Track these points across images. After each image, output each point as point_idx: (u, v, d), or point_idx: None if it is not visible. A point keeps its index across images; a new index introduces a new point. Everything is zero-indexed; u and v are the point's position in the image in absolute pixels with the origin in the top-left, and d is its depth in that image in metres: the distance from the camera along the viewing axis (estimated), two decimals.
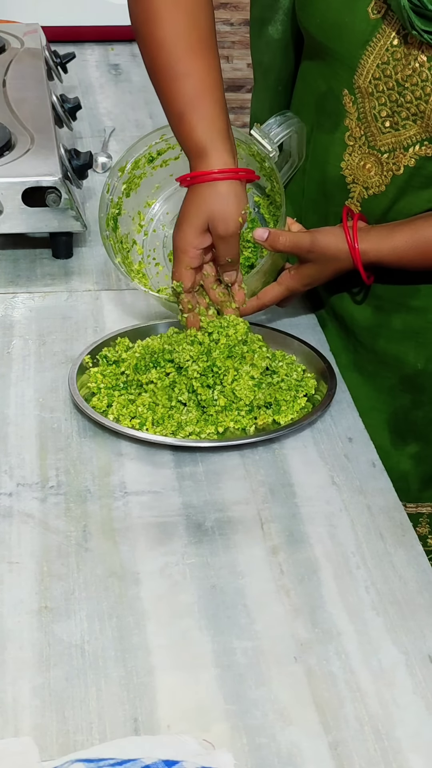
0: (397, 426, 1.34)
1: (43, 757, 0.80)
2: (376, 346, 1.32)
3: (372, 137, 1.22)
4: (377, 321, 1.31)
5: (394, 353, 1.31)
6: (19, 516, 1.04)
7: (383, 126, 1.20)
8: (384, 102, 1.19)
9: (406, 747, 0.82)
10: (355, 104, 1.22)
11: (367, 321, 1.32)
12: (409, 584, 0.97)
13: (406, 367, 1.32)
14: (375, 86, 1.18)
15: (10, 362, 1.27)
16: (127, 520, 1.04)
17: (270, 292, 1.26)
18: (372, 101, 1.20)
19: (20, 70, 1.81)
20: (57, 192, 1.42)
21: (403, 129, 1.19)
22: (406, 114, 1.18)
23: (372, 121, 1.20)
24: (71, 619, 0.93)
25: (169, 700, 0.85)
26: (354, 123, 1.23)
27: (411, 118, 1.18)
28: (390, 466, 1.29)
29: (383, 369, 1.33)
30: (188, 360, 1.16)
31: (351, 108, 1.22)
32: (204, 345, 1.18)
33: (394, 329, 1.31)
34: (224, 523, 1.04)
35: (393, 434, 1.34)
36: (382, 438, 1.32)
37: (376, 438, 1.19)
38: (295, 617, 0.93)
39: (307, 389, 1.19)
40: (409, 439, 1.35)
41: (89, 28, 2.35)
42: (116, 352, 1.22)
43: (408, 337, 1.30)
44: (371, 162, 1.23)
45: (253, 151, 1.28)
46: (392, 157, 1.21)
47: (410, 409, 1.34)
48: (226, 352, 1.17)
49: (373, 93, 1.19)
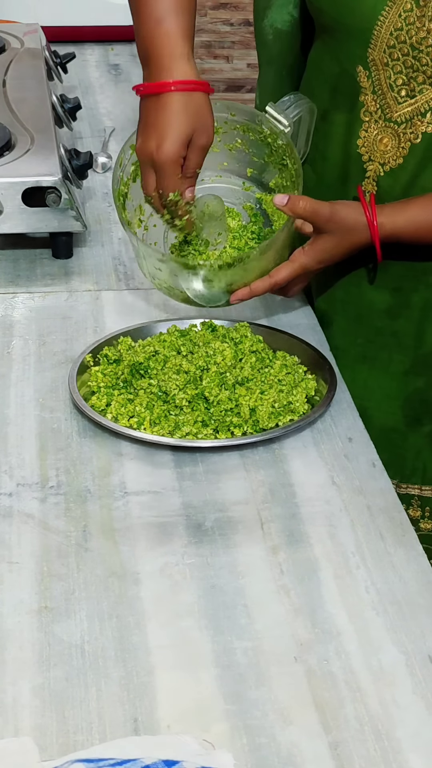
0: (412, 409, 1.36)
1: (43, 757, 0.80)
2: (395, 327, 1.34)
3: (388, 109, 1.23)
4: (397, 301, 1.33)
5: (414, 332, 1.33)
6: (19, 516, 1.04)
7: (399, 96, 1.22)
8: (399, 70, 1.21)
9: (406, 747, 0.82)
10: (369, 78, 1.24)
11: (386, 303, 1.33)
12: (409, 584, 0.97)
13: (424, 345, 1.33)
14: (390, 55, 1.20)
15: (10, 362, 1.27)
16: (127, 520, 1.04)
17: (282, 270, 1.25)
18: (387, 71, 1.22)
19: (20, 70, 1.81)
20: (57, 192, 1.42)
21: (420, 95, 1.21)
22: (422, 78, 1.20)
23: (388, 92, 1.22)
24: (71, 619, 0.92)
25: (169, 700, 0.85)
26: (369, 97, 1.24)
27: (427, 82, 1.20)
28: (405, 447, 1.31)
29: (398, 353, 1.34)
30: (175, 389, 1.15)
31: (366, 83, 1.24)
32: (190, 374, 1.17)
33: (414, 307, 1.32)
34: (224, 523, 1.04)
35: (408, 417, 1.36)
36: (397, 422, 1.34)
37: (391, 423, 1.20)
38: (295, 617, 0.93)
39: (307, 390, 1.19)
40: (425, 419, 1.36)
41: (89, 28, 2.35)
42: (117, 351, 1.22)
43: (428, 314, 1.31)
44: (388, 135, 1.24)
45: (261, 135, 1.28)
46: (409, 126, 1.23)
47: (425, 389, 1.35)
48: (216, 380, 1.17)
49: (387, 63, 1.21)
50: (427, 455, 1.37)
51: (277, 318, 1.36)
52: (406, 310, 1.32)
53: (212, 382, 1.15)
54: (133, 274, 1.46)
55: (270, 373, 1.19)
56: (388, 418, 1.21)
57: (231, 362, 1.18)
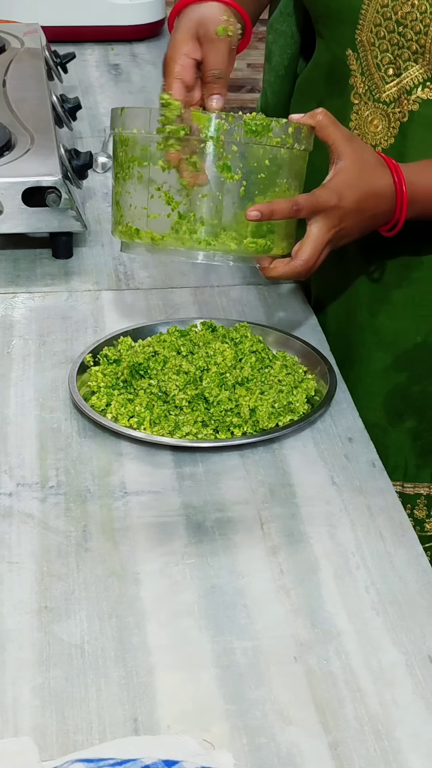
0: (393, 405, 1.35)
1: (42, 757, 0.80)
2: (376, 323, 1.33)
3: (376, 89, 1.24)
4: (378, 296, 1.32)
5: (394, 329, 1.32)
6: (19, 516, 1.04)
7: (386, 75, 1.23)
8: (386, 48, 1.22)
9: (406, 747, 0.82)
10: (358, 60, 1.25)
11: (368, 297, 1.33)
12: (409, 584, 0.97)
13: (404, 342, 1.32)
14: (376, 34, 1.21)
15: (10, 362, 1.27)
16: (127, 520, 1.04)
17: (302, 197, 1.12)
18: (374, 51, 1.23)
19: (20, 70, 1.81)
20: (57, 192, 1.42)
21: (405, 72, 1.22)
22: (407, 55, 1.21)
23: (375, 72, 1.23)
24: (71, 619, 0.93)
25: (169, 700, 0.85)
26: (358, 80, 1.25)
27: (412, 58, 1.21)
28: (387, 443, 1.30)
29: (378, 350, 1.34)
30: (175, 389, 1.15)
31: (354, 65, 1.25)
32: (190, 374, 1.17)
33: (396, 304, 1.31)
34: (224, 523, 1.04)
35: (389, 413, 1.35)
36: (379, 418, 1.34)
37: (372, 419, 1.19)
38: (295, 617, 0.93)
39: (307, 390, 1.19)
40: (406, 415, 1.36)
41: (89, 28, 2.35)
42: (117, 351, 1.22)
43: (409, 311, 1.31)
44: (378, 117, 1.25)
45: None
46: (397, 105, 1.24)
47: (407, 385, 1.34)
48: (216, 380, 1.17)
49: (374, 42, 1.22)
50: (408, 451, 1.37)
51: (277, 318, 1.36)
52: (387, 306, 1.32)
53: (212, 383, 1.15)
54: (133, 274, 1.46)
55: (270, 373, 1.19)
56: (369, 414, 1.20)
57: (231, 362, 1.18)
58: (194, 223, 1.11)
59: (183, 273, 1.46)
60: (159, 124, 1.12)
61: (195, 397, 1.15)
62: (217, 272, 1.46)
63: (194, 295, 1.41)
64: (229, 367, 1.17)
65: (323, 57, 1.31)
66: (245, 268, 1.47)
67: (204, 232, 1.12)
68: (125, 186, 1.15)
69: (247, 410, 1.14)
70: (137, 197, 1.14)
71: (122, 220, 1.16)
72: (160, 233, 1.12)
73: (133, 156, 1.14)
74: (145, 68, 2.25)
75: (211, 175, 1.11)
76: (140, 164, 1.13)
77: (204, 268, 1.48)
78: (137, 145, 1.13)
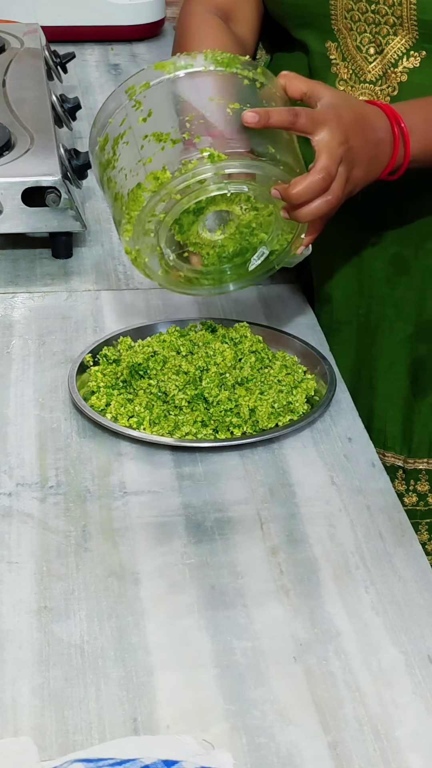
0: (416, 377, 1.37)
1: (42, 757, 0.80)
2: (396, 296, 1.35)
3: (360, 71, 1.26)
4: (397, 269, 1.34)
5: (415, 299, 1.34)
6: (18, 516, 1.04)
7: (368, 55, 1.25)
8: (363, 30, 1.24)
9: (406, 747, 0.82)
10: (339, 48, 1.27)
11: (386, 271, 1.34)
12: (408, 584, 0.97)
13: (426, 312, 1.34)
14: (351, 18, 1.24)
15: (9, 362, 1.27)
16: (127, 520, 1.04)
17: (319, 159, 1.08)
18: (353, 35, 1.25)
19: (20, 70, 1.81)
20: (57, 192, 1.42)
21: (387, 46, 1.24)
22: (386, 30, 1.23)
23: (357, 54, 1.25)
24: (71, 619, 0.92)
25: (169, 700, 0.85)
26: (341, 65, 1.27)
27: (391, 32, 1.23)
28: (412, 418, 1.32)
29: (400, 320, 1.36)
30: (174, 389, 1.15)
31: (335, 54, 1.27)
32: (190, 374, 1.17)
33: (415, 275, 1.33)
34: (224, 523, 1.04)
35: (413, 385, 1.37)
36: (405, 388, 1.36)
37: (397, 391, 1.20)
38: (295, 617, 0.93)
39: (307, 390, 1.19)
40: (429, 390, 1.37)
41: (89, 28, 2.35)
42: (116, 351, 1.22)
43: (428, 280, 1.33)
44: (366, 96, 1.26)
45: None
46: (384, 81, 1.25)
47: (428, 359, 1.36)
48: (216, 380, 1.16)
49: (351, 27, 1.24)
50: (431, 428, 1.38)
51: (277, 318, 1.36)
52: (406, 278, 1.34)
53: (212, 383, 1.15)
54: (132, 274, 1.46)
55: (270, 373, 1.19)
56: (393, 386, 1.23)
57: (231, 363, 1.18)
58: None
59: None
60: None
61: (195, 397, 1.15)
62: None
63: None
64: (229, 368, 1.17)
65: (301, 58, 1.32)
66: None
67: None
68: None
69: (246, 410, 1.14)
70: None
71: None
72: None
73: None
74: None
75: None
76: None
77: None
78: None
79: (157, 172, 1.09)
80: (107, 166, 1.17)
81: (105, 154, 1.17)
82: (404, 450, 1.39)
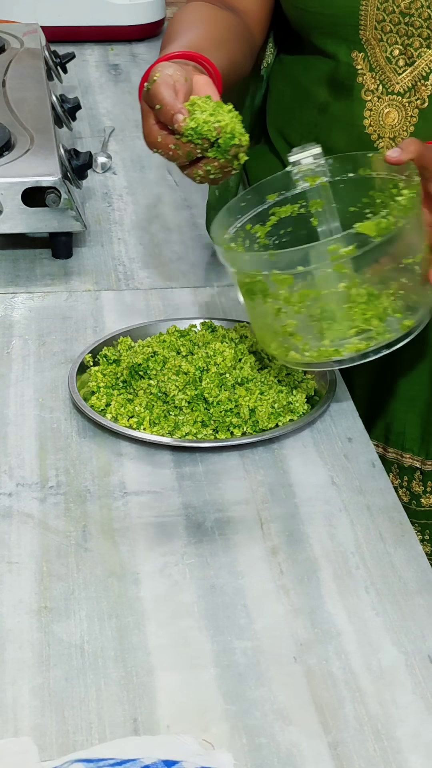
0: None
1: (42, 758, 0.80)
2: None
3: (388, 82, 1.25)
4: None
5: None
6: (18, 516, 1.04)
7: (398, 66, 1.24)
8: (394, 41, 1.23)
9: (406, 747, 0.82)
10: (366, 59, 1.25)
11: None
12: (409, 584, 0.97)
13: None
14: (382, 29, 1.22)
15: (9, 362, 1.27)
16: (127, 520, 1.04)
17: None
18: (382, 45, 1.23)
19: (20, 70, 1.81)
20: (57, 192, 1.42)
21: (419, 59, 1.23)
22: (418, 43, 1.22)
23: (386, 65, 1.24)
24: (71, 619, 0.92)
25: (169, 700, 0.85)
26: (368, 76, 1.26)
27: (425, 44, 1.22)
28: (430, 420, 1.32)
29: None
30: (174, 389, 1.15)
31: (362, 64, 1.26)
32: (190, 374, 1.17)
33: None
34: (224, 523, 1.04)
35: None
36: (425, 392, 1.36)
37: (420, 394, 1.26)
38: (295, 617, 0.93)
39: (307, 390, 1.19)
40: None
41: (89, 28, 2.35)
42: (116, 351, 1.22)
43: None
44: (393, 109, 1.26)
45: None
46: (413, 93, 1.24)
47: None
48: (216, 380, 1.16)
49: (381, 38, 1.23)
50: None
51: None
52: None
53: (212, 383, 1.15)
54: (132, 275, 1.46)
55: (269, 373, 1.19)
56: (415, 389, 1.24)
57: (231, 363, 1.18)
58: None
59: (183, 273, 1.46)
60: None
61: (194, 398, 1.15)
62: (216, 272, 1.46)
63: (194, 295, 1.41)
64: (229, 368, 1.17)
65: (321, 66, 1.30)
66: None
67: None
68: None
69: (246, 410, 1.14)
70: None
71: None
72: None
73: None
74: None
75: None
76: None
77: (204, 268, 1.48)
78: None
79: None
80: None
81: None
82: (422, 452, 1.39)
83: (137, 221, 1.61)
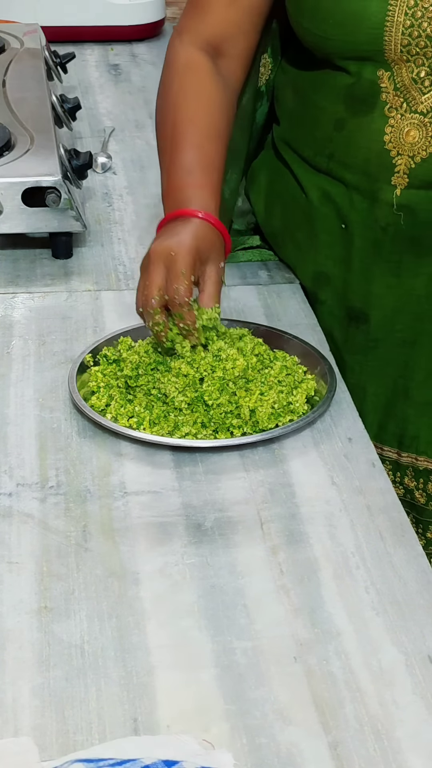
0: None
1: (42, 758, 0.80)
2: None
3: (413, 101, 1.24)
4: None
5: None
6: (18, 516, 1.04)
7: (423, 86, 1.23)
8: (422, 63, 1.22)
9: (406, 747, 0.82)
10: (391, 78, 1.24)
11: (427, 288, 1.34)
12: (409, 584, 0.97)
13: None
14: (408, 51, 1.21)
15: (9, 362, 1.27)
16: (127, 520, 1.04)
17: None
18: (409, 66, 1.23)
19: (20, 70, 1.81)
20: (57, 192, 1.42)
21: None
22: None
23: (411, 85, 1.23)
24: (71, 619, 0.93)
25: (169, 700, 0.86)
26: (391, 95, 1.25)
27: None
28: None
29: None
30: (174, 391, 1.15)
31: (387, 82, 1.25)
32: (189, 377, 1.16)
33: None
34: (224, 523, 1.04)
35: None
36: None
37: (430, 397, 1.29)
38: (295, 617, 0.93)
39: (307, 390, 1.19)
40: None
41: (89, 28, 2.35)
42: (117, 351, 1.22)
43: None
44: (414, 128, 1.25)
45: None
46: None
47: None
48: (217, 384, 1.16)
49: (407, 59, 1.22)
50: None
51: (277, 318, 1.36)
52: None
53: (212, 386, 1.15)
54: (132, 274, 1.46)
55: (270, 374, 1.19)
56: (430, 391, 1.29)
57: (239, 373, 1.16)
58: None
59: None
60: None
61: (194, 400, 1.14)
62: None
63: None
64: (236, 377, 1.16)
65: (339, 82, 1.29)
66: (245, 267, 1.47)
67: None
68: None
69: (247, 411, 1.13)
70: None
71: None
72: None
73: None
74: (144, 68, 2.25)
75: None
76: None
77: None
78: None
79: None
80: None
81: None
82: None
83: (137, 221, 1.61)
